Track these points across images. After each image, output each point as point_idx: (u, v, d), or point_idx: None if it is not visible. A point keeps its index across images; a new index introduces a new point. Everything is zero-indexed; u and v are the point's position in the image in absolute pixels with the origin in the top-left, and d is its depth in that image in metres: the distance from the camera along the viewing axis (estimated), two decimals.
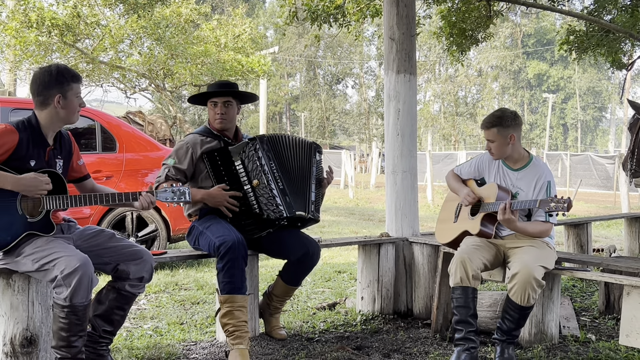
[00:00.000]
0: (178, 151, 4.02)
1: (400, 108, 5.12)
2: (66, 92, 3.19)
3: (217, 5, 47.50)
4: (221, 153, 3.94)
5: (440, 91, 55.23)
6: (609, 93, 54.87)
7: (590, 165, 28.10)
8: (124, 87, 20.48)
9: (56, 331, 3.11)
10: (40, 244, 3.14)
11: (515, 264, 3.70)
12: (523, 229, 3.86)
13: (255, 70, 19.30)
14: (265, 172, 3.93)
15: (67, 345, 3.11)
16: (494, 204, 3.93)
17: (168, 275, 6.51)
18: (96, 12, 16.90)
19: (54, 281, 3.03)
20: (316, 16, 8.71)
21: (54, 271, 3.02)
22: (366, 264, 4.94)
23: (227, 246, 3.69)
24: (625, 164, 5.74)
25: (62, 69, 3.23)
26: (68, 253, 3.08)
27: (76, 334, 3.11)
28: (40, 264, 3.07)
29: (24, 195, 3.11)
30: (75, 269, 2.99)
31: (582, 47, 9.26)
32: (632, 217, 8.06)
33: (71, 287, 2.99)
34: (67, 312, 3.04)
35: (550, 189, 3.91)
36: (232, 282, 3.74)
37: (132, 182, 6.75)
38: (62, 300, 3.02)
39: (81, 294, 3.02)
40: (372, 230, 11.00)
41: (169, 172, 3.95)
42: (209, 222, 3.93)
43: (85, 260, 3.05)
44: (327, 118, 56.87)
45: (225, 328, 3.77)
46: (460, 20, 8.82)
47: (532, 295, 3.60)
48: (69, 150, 3.43)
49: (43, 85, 3.19)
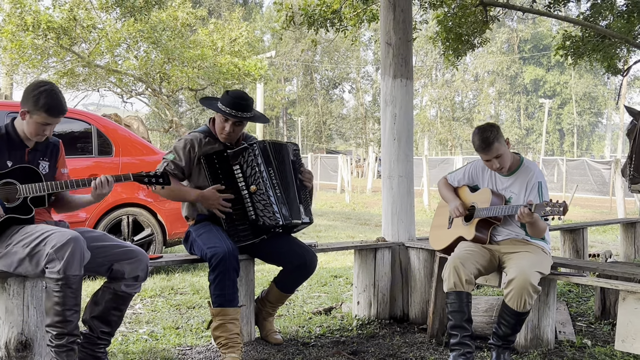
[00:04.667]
0: (178, 148, 4.01)
1: (397, 113, 5.12)
2: (32, 114, 3.25)
3: (213, 10, 47.58)
4: (220, 156, 3.93)
5: (436, 96, 55.30)
6: (605, 98, 54.99)
7: (587, 171, 28.09)
8: (120, 91, 20.45)
9: (51, 307, 3.10)
10: (29, 230, 3.18)
11: (511, 269, 3.70)
12: (538, 225, 3.83)
13: (252, 74, 19.32)
14: (263, 178, 3.92)
15: (63, 319, 3.10)
16: (489, 209, 3.93)
17: (164, 280, 6.50)
18: (92, 16, 16.89)
19: (46, 257, 3.04)
20: (313, 21, 8.73)
21: (46, 249, 3.05)
22: (362, 268, 4.93)
23: (218, 258, 3.69)
24: (624, 170, 5.76)
25: (45, 94, 3.23)
26: (59, 230, 3.15)
27: (71, 307, 3.10)
28: (31, 247, 3.10)
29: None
30: (67, 241, 3.03)
31: (578, 52, 9.29)
32: (628, 222, 8.07)
33: (64, 259, 3.01)
34: (61, 285, 3.05)
35: (541, 189, 3.92)
36: (223, 295, 3.74)
37: (128, 185, 6.73)
38: (55, 273, 3.03)
39: (75, 265, 3.05)
40: (369, 235, 10.99)
41: (168, 166, 3.95)
42: (202, 230, 3.93)
43: (76, 235, 3.10)
44: (323, 122, 56.88)
45: (218, 341, 3.78)
46: (457, 25, 8.84)
47: (528, 300, 3.60)
48: (55, 156, 3.48)
49: (25, 94, 3.29)
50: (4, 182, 3.21)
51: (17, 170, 3.26)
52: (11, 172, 3.24)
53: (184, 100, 36.60)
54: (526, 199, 3.91)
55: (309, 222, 4.14)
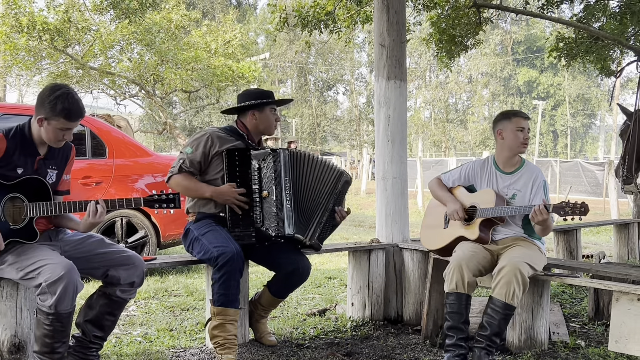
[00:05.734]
0: (196, 140, 3.94)
1: (391, 114, 5.13)
2: (50, 120, 3.14)
3: (207, 12, 47.51)
4: (242, 154, 3.89)
5: (430, 98, 55.41)
6: (599, 100, 55.13)
7: (580, 172, 28.18)
8: (113, 93, 20.42)
9: (40, 337, 3.09)
10: (24, 251, 3.12)
11: (502, 261, 3.72)
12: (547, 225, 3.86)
13: (246, 76, 19.32)
14: (277, 186, 3.90)
15: (51, 351, 3.10)
16: (494, 209, 3.93)
17: (158, 282, 6.48)
18: (87, 18, 16.86)
19: (39, 288, 3.01)
20: (307, 22, 8.75)
21: (39, 279, 3.00)
22: (356, 270, 4.93)
23: (226, 258, 3.65)
24: (617, 170, 5.79)
25: (63, 98, 3.12)
26: (52, 261, 3.06)
27: (60, 340, 3.10)
28: (24, 273, 3.06)
29: (5, 203, 3.10)
30: (60, 277, 2.97)
31: (571, 54, 9.33)
32: (621, 223, 8.09)
33: (56, 295, 2.97)
34: (51, 320, 3.03)
35: (546, 189, 3.99)
36: (226, 295, 3.72)
37: (121, 187, 6.72)
38: (46, 307, 3.00)
39: (66, 301, 3.01)
40: (363, 237, 10.99)
41: (183, 163, 3.90)
42: (205, 229, 3.88)
43: (70, 267, 3.03)
44: (318, 124, 56.89)
45: (215, 340, 3.77)
46: (450, 26, 8.87)
47: (517, 291, 3.57)
48: (64, 162, 3.41)
49: (40, 99, 3.16)
50: (11, 196, 3.14)
51: (26, 184, 3.17)
52: (20, 185, 3.16)
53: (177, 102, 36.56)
54: (532, 197, 3.95)
55: (313, 245, 4.09)
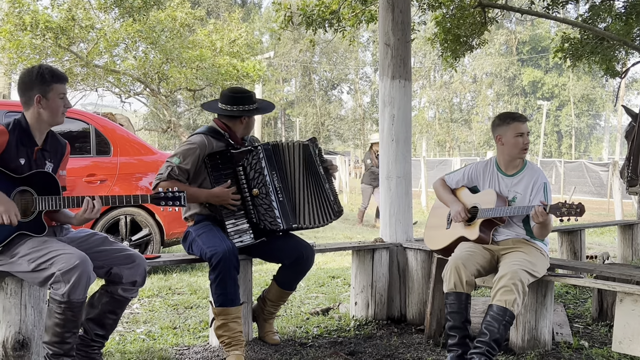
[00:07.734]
0: (185, 152, 3.93)
1: (395, 114, 5.13)
2: (47, 93, 3.20)
3: (212, 10, 47.55)
4: (223, 156, 3.90)
5: (435, 97, 55.39)
6: (603, 101, 55.03)
7: (584, 173, 28.13)
8: (118, 91, 20.42)
9: (51, 326, 3.10)
10: (36, 244, 3.14)
11: (502, 268, 3.71)
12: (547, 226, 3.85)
13: (251, 75, 19.28)
14: (266, 182, 3.90)
15: (61, 341, 3.11)
16: (495, 209, 3.94)
17: (161, 280, 6.49)
18: (91, 16, 16.86)
19: (51, 278, 3.02)
20: (311, 21, 8.74)
21: (52, 269, 3.02)
22: (360, 269, 4.94)
23: (218, 257, 3.69)
24: (622, 172, 5.77)
25: (43, 69, 3.23)
26: (67, 251, 3.09)
27: (70, 330, 3.11)
28: (36, 264, 3.07)
29: (15, 196, 3.12)
30: (75, 265, 3.00)
31: (576, 54, 9.31)
32: (626, 224, 8.07)
33: (70, 284, 2.99)
34: (64, 308, 3.04)
35: (546, 190, 3.95)
36: (225, 294, 3.75)
37: (126, 185, 6.73)
38: (59, 296, 3.02)
39: (79, 290, 3.03)
40: (366, 236, 10.98)
41: (172, 171, 3.89)
42: (202, 230, 3.92)
43: (84, 258, 3.06)
44: (322, 123, 56.91)
45: (221, 339, 3.81)
46: (455, 26, 8.85)
47: (517, 299, 3.56)
48: (59, 158, 3.42)
49: (24, 85, 3.23)
50: (21, 189, 3.15)
51: (35, 177, 3.20)
52: (30, 178, 3.18)
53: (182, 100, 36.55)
54: (532, 199, 3.94)
55: (313, 227, 4.11)
